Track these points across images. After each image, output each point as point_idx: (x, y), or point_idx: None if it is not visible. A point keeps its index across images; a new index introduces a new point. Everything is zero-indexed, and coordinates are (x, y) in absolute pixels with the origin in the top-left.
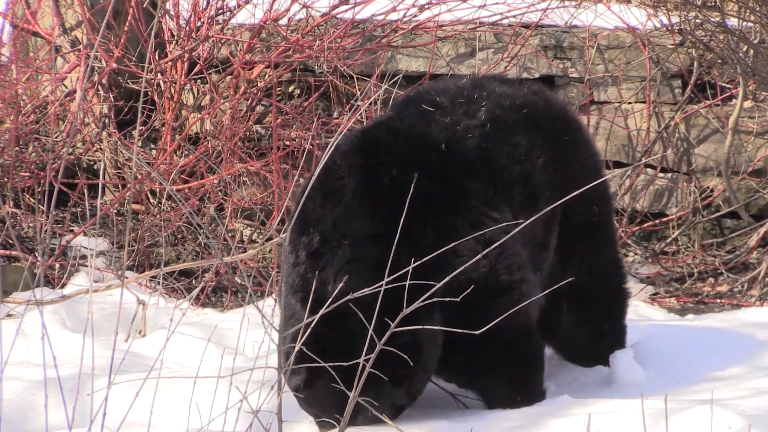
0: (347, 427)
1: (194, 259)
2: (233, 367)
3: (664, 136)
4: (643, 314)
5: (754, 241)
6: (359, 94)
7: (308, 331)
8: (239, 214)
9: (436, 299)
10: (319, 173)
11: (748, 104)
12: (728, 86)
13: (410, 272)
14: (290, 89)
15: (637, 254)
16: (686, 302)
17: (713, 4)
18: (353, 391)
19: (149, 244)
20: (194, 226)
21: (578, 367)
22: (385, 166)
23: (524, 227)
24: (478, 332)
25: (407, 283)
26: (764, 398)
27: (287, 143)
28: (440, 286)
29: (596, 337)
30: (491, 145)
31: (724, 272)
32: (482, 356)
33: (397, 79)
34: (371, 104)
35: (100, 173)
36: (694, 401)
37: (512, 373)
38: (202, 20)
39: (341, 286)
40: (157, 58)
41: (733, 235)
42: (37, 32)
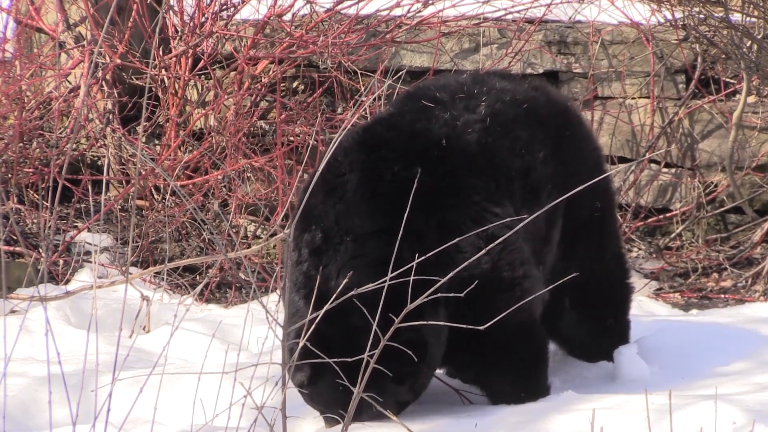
0: (351, 422)
1: (198, 255)
2: (237, 362)
3: (668, 131)
4: (647, 310)
5: (758, 236)
6: (363, 89)
7: (308, 328)
8: (243, 209)
9: (440, 295)
10: (321, 170)
11: (751, 99)
12: (732, 81)
13: (413, 268)
14: (294, 85)
15: (641, 249)
16: (690, 298)
17: None
18: (357, 387)
19: (153, 240)
20: (198, 221)
21: (582, 362)
22: (386, 162)
23: (527, 224)
24: (481, 328)
25: (410, 278)
26: None
27: (291, 139)
28: (444, 281)
29: (600, 332)
30: (491, 139)
31: (728, 267)
32: (486, 352)
33: (401, 74)
34: (375, 100)
35: (104, 169)
36: (698, 396)
37: (516, 368)
38: (206, 16)
39: (345, 282)
40: (161, 53)
41: (737, 230)
42: (40, 28)
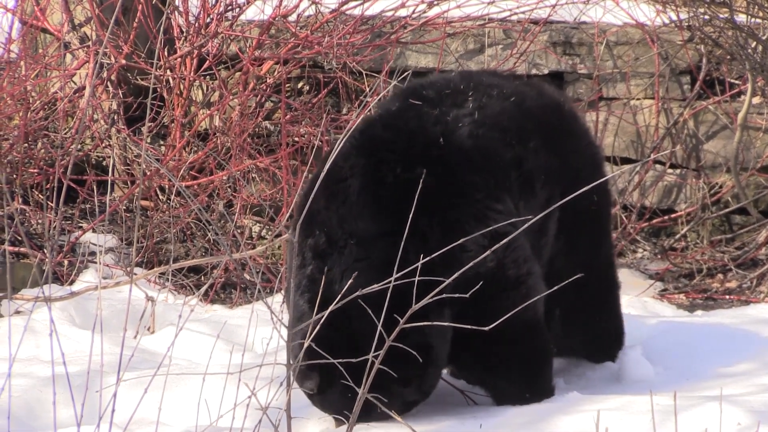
0: (357, 423)
1: (203, 255)
2: (242, 363)
3: (672, 132)
4: (652, 310)
5: (763, 237)
6: (368, 90)
7: (313, 331)
8: (248, 210)
9: (445, 295)
10: (321, 177)
11: (756, 100)
12: (737, 82)
13: (418, 271)
14: (299, 85)
15: (646, 250)
16: (695, 298)
17: (722, 0)
18: (362, 387)
19: (158, 240)
20: (203, 222)
21: (587, 363)
22: (387, 164)
23: (524, 215)
24: (486, 328)
25: (416, 279)
26: None
27: (296, 139)
28: (449, 282)
29: (594, 331)
30: (482, 131)
31: (733, 268)
32: (491, 352)
33: (406, 75)
34: (380, 100)
35: (109, 170)
36: (703, 397)
37: (521, 369)
38: (211, 16)
39: (352, 284)
40: (166, 54)
41: (741, 231)
42: (46, 29)
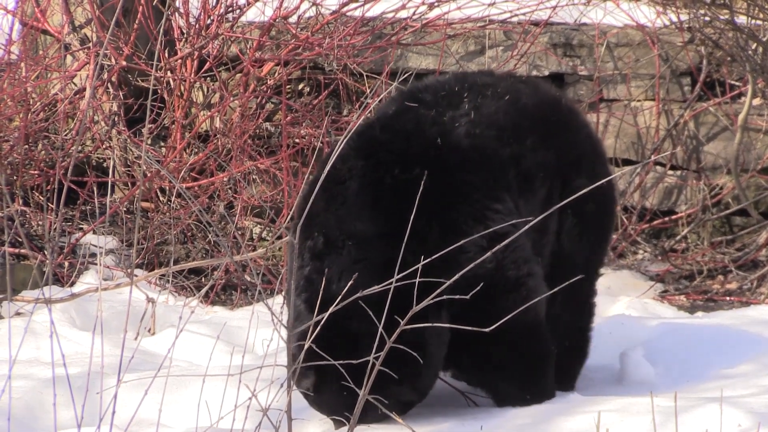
0: (357, 425)
1: (204, 257)
2: (242, 365)
3: (673, 133)
4: (652, 312)
5: (763, 238)
6: (369, 91)
7: (313, 332)
8: (249, 211)
9: (444, 297)
10: (320, 180)
11: (757, 102)
12: (737, 84)
13: (417, 270)
14: (300, 87)
15: (646, 252)
16: (696, 300)
17: (722, 1)
18: (363, 389)
19: (159, 242)
20: (204, 224)
21: (587, 364)
22: (385, 165)
23: (524, 213)
24: (487, 330)
25: (416, 281)
26: None
27: (297, 141)
28: (449, 284)
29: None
30: (479, 131)
31: (733, 270)
32: (491, 354)
33: (406, 76)
34: (381, 102)
35: (109, 171)
36: (703, 399)
37: (521, 371)
38: (211, 18)
39: (350, 284)
40: (166, 55)
41: (742, 232)
42: (46, 30)
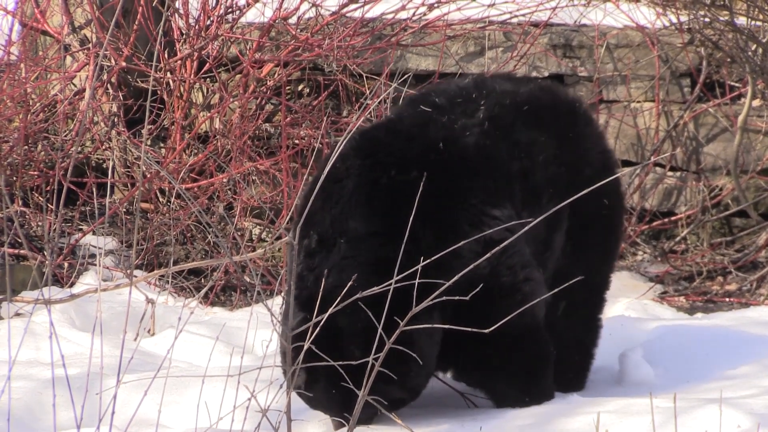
0: (356, 424)
1: (203, 258)
2: (242, 365)
3: (673, 134)
4: (652, 313)
5: (762, 239)
6: (368, 92)
7: (313, 331)
8: (248, 212)
9: (436, 300)
10: (321, 178)
11: (756, 103)
12: (737, 85)
13: (408, 271)
14: (299, 88)
15: (646, 253)
16: (695, 301)
17: (722, 2)
18: (363, 390)
19: (158, 242)
20: (203, 224)
21: None
22: (383, 166)
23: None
24: (486, 331)
25: (408, 283)
26: None
27: (296, 142)
28: (442, 290)
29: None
30: (489, 142)
31: (733, 271)
32: (489, 356)
33: (406, 77)
34: (380, 103)
35: (109, 172)
36: (703, 400)
37: (519, 373)
38: (211, 19)
39: (331, 282)
40: (166, 56)
41: (741, 233)
42: (46, 31)
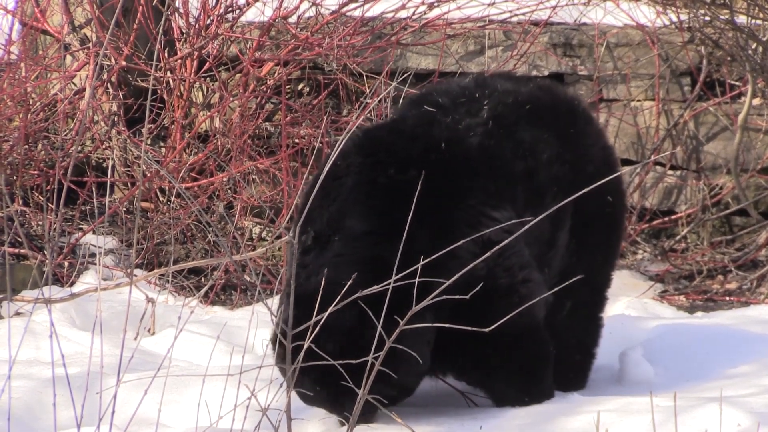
0: (351, 421)
1: (203, 257)
2: (242, 364)
3: (673, 133)
4: (652, 312)
5: (763, 238)
6: (369, 91)
7: (313, 330)
8: (248, 212)
9: (432, 300)
10: (322, 177)
11: (757, 102)
12: (737, 84)
13: (402, 272)
14: (300, 87)
15: (646, 252)
16: (695, 300)
17: (722, 1)
18: (362, 389)
19: (158, 242)
20: (203, 224)
21: None
22: (382, 164)
23: (531, 226)
24: (486, 330)
25: (403, 283)
26: None
27: (297, 141)
28: (438, 292)
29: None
30: (494, 142)
31: (733, 270)
32: (488, 356)
33: (406, 76)
34: (381, 102)
35: (109, 171)
36: (703, 399)
37: (518, 373)
38: (211, 18)
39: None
40: (166, 55)
41: (742, 232)
42: (46, 30)
